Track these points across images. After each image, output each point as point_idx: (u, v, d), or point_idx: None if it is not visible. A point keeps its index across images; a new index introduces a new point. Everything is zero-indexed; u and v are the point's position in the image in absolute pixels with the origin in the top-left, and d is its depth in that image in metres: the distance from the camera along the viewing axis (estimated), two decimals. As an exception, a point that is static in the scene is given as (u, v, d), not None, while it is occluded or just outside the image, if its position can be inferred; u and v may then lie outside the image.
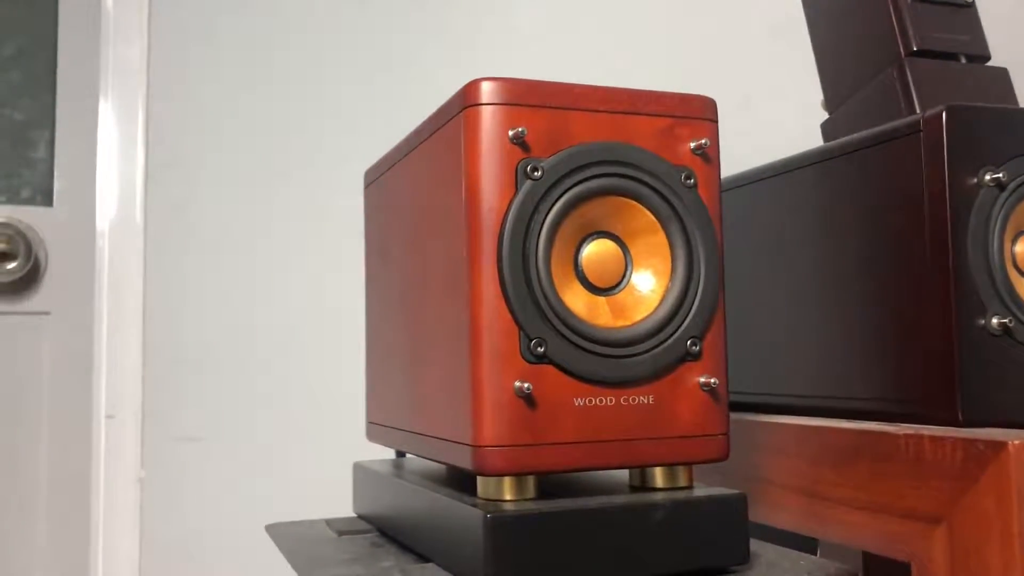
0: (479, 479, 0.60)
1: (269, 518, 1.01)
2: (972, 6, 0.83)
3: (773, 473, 0.78)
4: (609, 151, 0.59)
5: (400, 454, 1.00)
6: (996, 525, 0.59)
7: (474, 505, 0.57)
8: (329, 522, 0.82)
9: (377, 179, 0.80)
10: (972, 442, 0.61)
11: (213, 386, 1.10)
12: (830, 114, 0.89)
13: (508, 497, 0.58)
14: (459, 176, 0.59)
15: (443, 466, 0.79)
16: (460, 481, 0.70)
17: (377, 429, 0.80)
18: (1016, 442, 0.58)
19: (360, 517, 0.83)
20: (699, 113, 0.63)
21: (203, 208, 1.10)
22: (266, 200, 1.07)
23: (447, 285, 0.61)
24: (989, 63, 0.83)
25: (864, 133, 0.77)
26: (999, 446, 0.59)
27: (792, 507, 0.77)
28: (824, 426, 0.75)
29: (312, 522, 0.83)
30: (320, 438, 1.09)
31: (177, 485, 1.09)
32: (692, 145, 0.62)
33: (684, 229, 0.61)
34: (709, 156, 0.63)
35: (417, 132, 0.68)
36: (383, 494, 0.75)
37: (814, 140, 0.87)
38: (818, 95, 0.90)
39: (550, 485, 0.62)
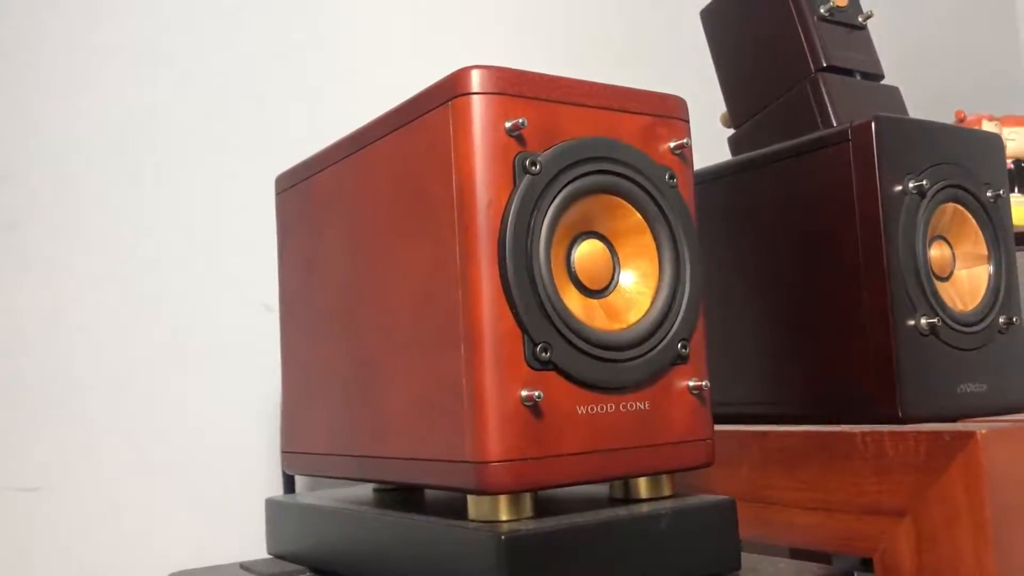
0: (471, 499, 0.55)
1: (133, 571, 0.90)
2: (865, 28, 0.88)
3: (714, 483, 0.78)
4: (601, 147, 0.57)
5: (289, 484, 0.92)
6: (966, 513, 0.61)
7: (476, 528, 0.52)
8: (244, 565, 0.73)
9: (299, 184, 0.73)
10: (937, 434, 0.63)
11: (52, 428, 0.96)
12: (735, 128, 0.91)
13: (504, 517, 0.54)
14: (446, 170, 0.54)
15: (373, 490, 0.73)
16: (415, 504, 0.64)
17: (303, 458, 0.72)
18: (983, 431, 0.61)
19: (278, 557, 0.75)
20: (676, 113, 0.62)
21: (44, 225, 0.96)
22: (120, 213, 0.95)
23: (428, 289, 0.56)
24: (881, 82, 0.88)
25: (790, 142, 0.79)
26: (967, 436, 0.61)
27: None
28: (766, 431, 0.75)
29: (224, 567, 0.74)
30: (178, 477, 0.97)
31: (14, 541, 0.94)
32: (672, 145, 0.61)
33: (670, 229, 0.60)
34: (686, 157, 0.62)
35: (372, 127, 0.62)
36: (321, 528, 0.68)
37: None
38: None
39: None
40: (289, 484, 0.93)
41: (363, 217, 0.64)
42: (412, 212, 0.58)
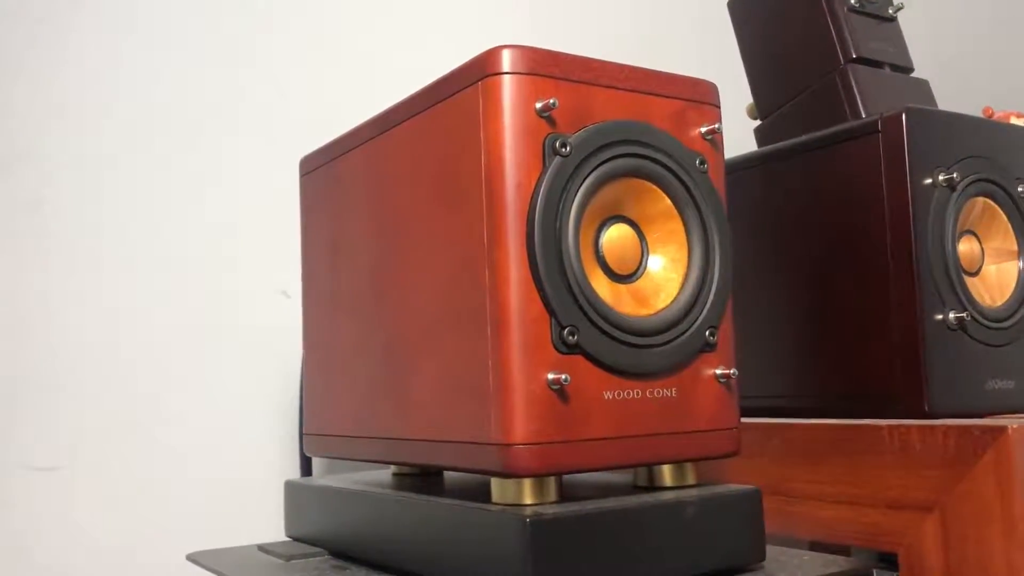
0: (496, 482, 0.54)
1: (150, 552, 0.90)
2: (895, 20, 0.87)
3: (734, 475, 0.77)
4: (632, 131, 0.56)
5: (306, 467, 0.92)
6: (997, 509, 0.60)
7: (500, 511, 0.52)
8: (263, 547, 0.73)
9: (324, 165, 0.73)
10: (967, 429, 0.62)
11: (70, 409, 0.96)
12: (761, 120, 0.90)
13: (529, 501, 0.54)
14: (475, 150, 0.54)
15: (392, 474, 0.73)
16: (436, 488, 0.64)
17: (326, 441, 0.72)
18: (1015, 425, 0.60)
19: (296, 540, 0.74)
20: (707, 98, 0.61)
21: (63, 205, 0.96)
22: (142, 195, 0.95)
23: (456, 271, 0.56)
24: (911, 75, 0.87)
25: (819, 133, 0.78)
26: (998, 431, 0.60)
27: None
28: (789, 423, 0.75)
29: (242, 548, 0.74)
30: (195, 459, 0.96)
31: (31, 522, 0.95)
32: (703, 130, 0.60)
33: (700, 215, 0.59)
34: (717, 143, 0.61)
35: (400, 108, 0.62)
36: (342, 511, 0.68)
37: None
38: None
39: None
40: (306, 467, 0.93)
41: (390, 198, 0.63)
42: (440, 193, 0.57)
